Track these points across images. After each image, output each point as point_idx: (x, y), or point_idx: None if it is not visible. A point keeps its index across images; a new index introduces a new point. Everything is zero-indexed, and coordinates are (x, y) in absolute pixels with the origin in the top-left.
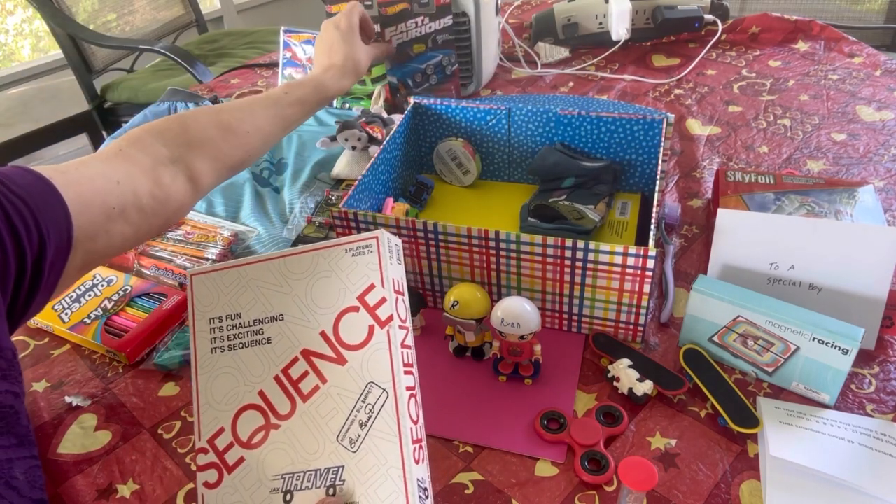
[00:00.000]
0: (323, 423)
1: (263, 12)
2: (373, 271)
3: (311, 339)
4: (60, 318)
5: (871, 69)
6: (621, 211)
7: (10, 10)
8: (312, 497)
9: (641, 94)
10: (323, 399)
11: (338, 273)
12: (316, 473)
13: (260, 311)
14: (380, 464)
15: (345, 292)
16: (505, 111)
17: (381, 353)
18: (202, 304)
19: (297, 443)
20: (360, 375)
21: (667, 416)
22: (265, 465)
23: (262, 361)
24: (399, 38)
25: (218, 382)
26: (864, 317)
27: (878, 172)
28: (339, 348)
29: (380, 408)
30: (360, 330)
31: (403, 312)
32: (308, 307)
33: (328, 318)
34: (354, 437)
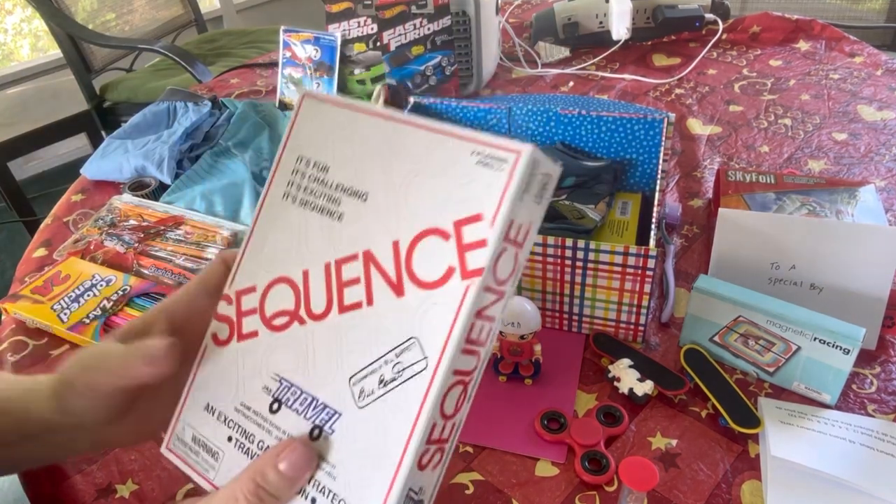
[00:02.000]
0: (345, 352)
1: (263, 12)
2: (490, 197)
3: (381, 244)
4: (59, 318)
5: (872, 69)
6: (622, 210)
7: (8, 9)
8: (295, 423)
9: (642, 93)
10: (359, 323)
11: (449, 176)
12: (312, 401)
13: (349, 176)
14: (377, 444)
15: (444, 207)
16: (505, 111)
17: (445, 311)
18: (300, 135)
19: (313, 354)
20: (409, 322)
21: (667, 416)
22: (272, 356)
23: (324, 237)
24: (398, 41)
25: (273, 236)
26: (865, 317)
27: (880, 172)
28: (404, 274)
29: (411, 375)
30: (438, 265)
31: (507, 271)
32: (397, 202)
33: (410, 229)
34: (368, 390)
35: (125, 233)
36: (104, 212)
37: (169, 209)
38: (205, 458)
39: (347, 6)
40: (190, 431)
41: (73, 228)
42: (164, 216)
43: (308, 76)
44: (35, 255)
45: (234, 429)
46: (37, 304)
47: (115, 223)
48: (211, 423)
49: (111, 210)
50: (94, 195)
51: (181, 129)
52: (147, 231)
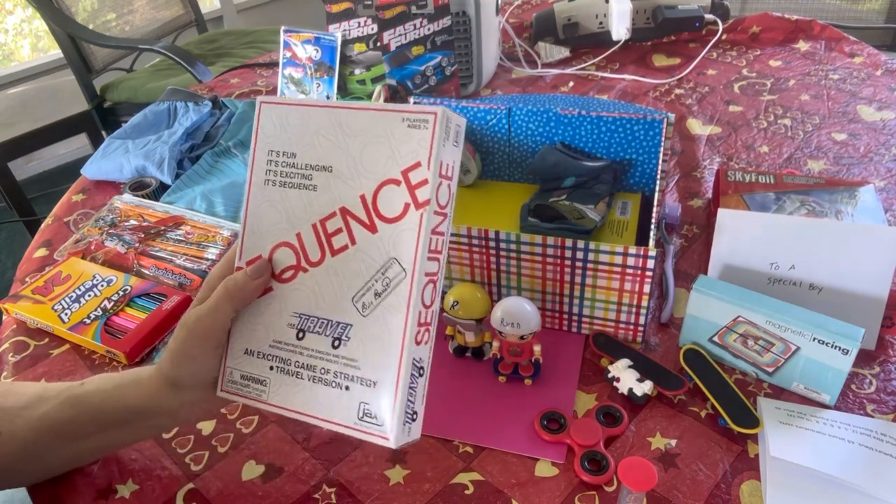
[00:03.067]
0: (344, 281)
1: (263, 12)
2: (423, 149)
3: (352, 199)
4: (60, 318)
5: (872, 69)
6: (622, 211)
7: (9, 9)
8: (320, 342)
9: (642, 93)
10: (349, 259)
11: (390, 140)
12: (328, 323)
13: (313, 156)
14: (383, 333)
15: (392, 162)
16: (505, 111)
17: (409, 234)
18: (266, 134)
19: (319, 290)
20: (386, 249)
21: (667, 416)
22: (289, 301)
23: (305, 206)
24: (398, 41)
25: (264, 212)
26: (864, 317)
27: (879, 172)
28: (374, 216)
29: (395, 284)
30: (397, 204)
31: (445, 198)
32: (356, 167)
33: (371, 184)
34: (367, 303)
35: (126, 233)
36: (105, 212)
37: (169, 209)
38: (255, 387)
39: (348, 6)
40: (238, 373)
41: (74, 228)
42: (164, 216)
43: (308, 76)
44: (36, 255)
45: (273, 360)
46: (37, 305)
47: (115, 223)
48: (254, 361)
49: (112, 210)
50: (95, 195)
51: (181, 130)
52: (147, 231)
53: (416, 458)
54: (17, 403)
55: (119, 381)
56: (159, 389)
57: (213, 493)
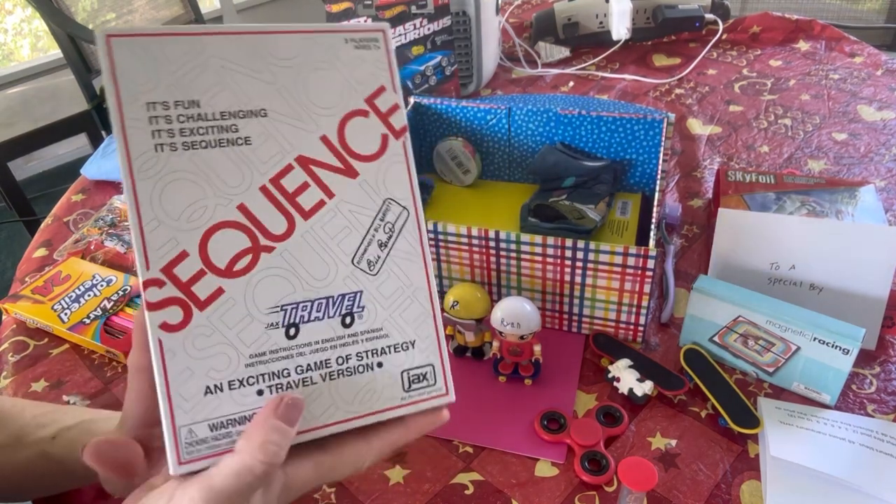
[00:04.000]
0: (334, 245)
1: (263, 12)
2: (382, 71)
3: (310, 145)
4: (60, 318)
5: (872, 69)
6: (622, 211)
7: (9, 9)
8: (324, 329)
9: (642, 93)
10: (331, 217)
11: (338, 67)
12: (328, 301)
13: (230, 101)
14: (404, 286)
15: (350, 92)
16: (505, 111)
17: (399, 167)
18: (131, 82)
19: (301, 268)
20: (376, 190)
21: (667, 416)
22: (256, 296)
23: (240, 167)
24: (398, 41)
25: (172, 192)
26: (864, 317)
27: (879, 172)
28: (348, 158)
29: (401, 226)
30: (373, 138)
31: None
32: (301, 104)
33: (331, 121)
34: (373, 259)
35: (125, 233)
36: (104, 212)
37: None
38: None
39: (347, 6)
40: (202, 426)
41: (74, 228)
42: None
43: None
44: (35, 255)
45: (260, 380)
46: (37, 305)
47: (115, 223)
48: (224, 399)
49: (111, 210)
50: (95, 195)
51: None
52: None
53: (416, 458)
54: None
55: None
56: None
57: None
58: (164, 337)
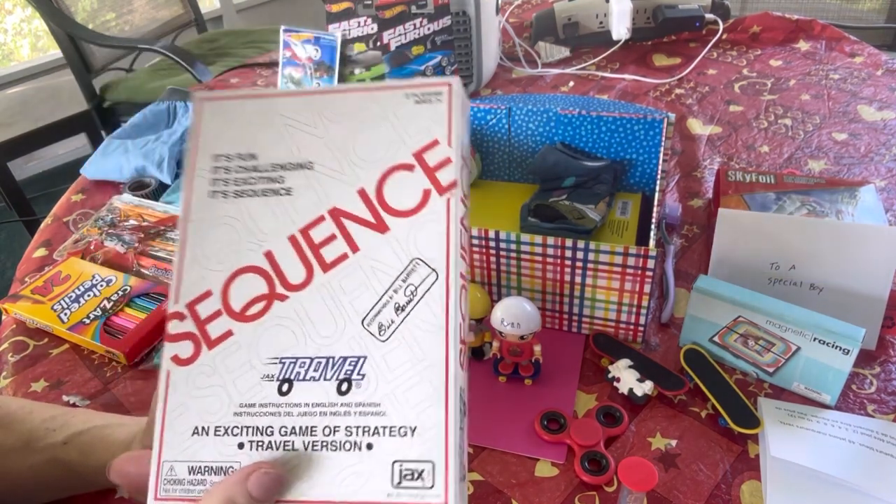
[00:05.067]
0: (346, 301)
1: (263, 12)
2: (439, 125)
3: (346, 197)
4: (59, 318)
5: (873, 69)
6: (622, 211)
7: (9, 9)
8: (317, 391)
9: (642, 93)
10: (351, 271)
11: (393, 121)
12: (328, 362)
13: (283, 154)
14: (416, 360)
15: (399, 145)
16: (505, 111)
17: (436, 226)
18: (209, 137)
19: (309, 321)
20: (405, 248)
21: (667, 416)
22: (260, 344)
23: (277, 215)
24: (398, 41)
25: (213, 234)
26: (865, 317)
27: (880, 172)
28: (381, 212)
29: (425, 291)
30: (413, 193)
31: (467, 186)
32: (347, 157)
33: (372, 174)
34: (386, 323)
35: (125, 233)
36: (104, 212)
37: (169, 209)
38: (215, 481)
39: (348, 6)
40: (183, 466)
41: (74, 228)
42: (164, 216)
43: (308, 76)
44: (35, 255)
45: (243, 433)
46: (37, 305)
47: (115, 223)
48: (208, 444)
49: (111, 210)
50: (94, 195)
51: (181, 129)
52: (147, 231)
53: None
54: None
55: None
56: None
57: None
58: (173, 369)
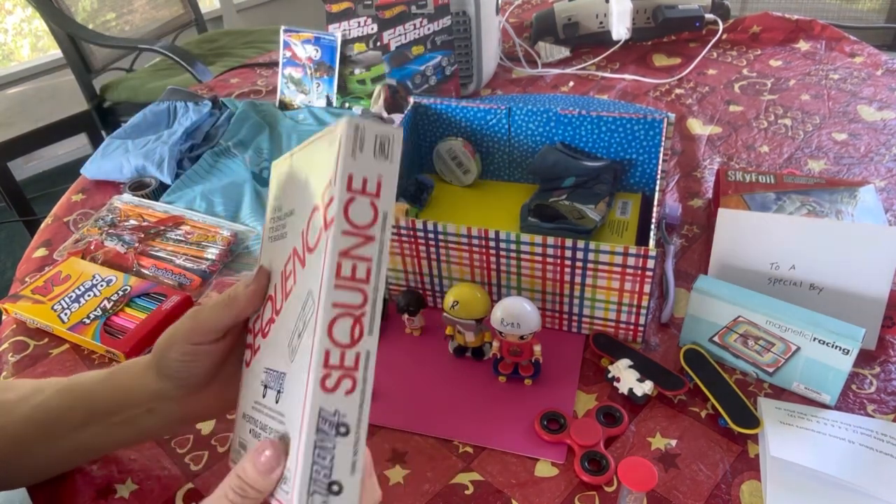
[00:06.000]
0: (286, 326)
1: (263, 12)
2: (330, 165)
3: (297, 237)
4: (60, 318)
5: (873, 69)
6: (622, 211)
7: (9, 9)
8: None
9: (642, 93)
10: (292, 300)
11: (322, 166)
12: (276, 375)
13: (288, 203)
14: (300, 380)
15: (319, 187)
16: (505, 111)
17: (318, 258)
18: (273, 191)
19: (276, 339)
20: (306, 282)
21: (667, 416)
22: (263, 356)
23: (280, 255)
24: (398, 41)
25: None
26: (864, 317)
27: (879, 172)
28: (304, 249)
29: (308, 320)
30: (316, 230)
31: (367, 217)
32: (304, 202)
33: (305, 216)
34: (294, 347)
35: (125, 233)
36: (104, 212)
37: (169, 209)
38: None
39: (348, 6)
40: (237, 440)
41: (74, 228)
42: (164, 216)
43: (308, 76)
44: (35, 255)
45: (251, 422)
46: (37, 305)
47: (115, 223)
48: (244, 425)
49: (111, 210)
50: (95, 195)
51: (181, 129)
52: (147, 231)
53: (416, 458)
54: (13, 397)
55: (114, 368)
56: (146, 371)
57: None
58: (243, 370)
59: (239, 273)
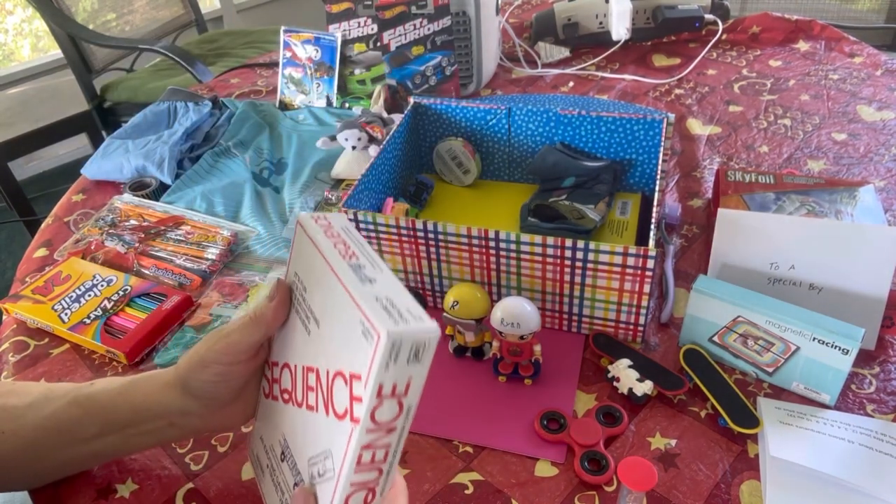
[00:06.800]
0: (307, 440)
1: (263, 12)
2: (363, 364)
3: (322, 367)
4: (60, 318)
5: (872, 69)
6: (621, 211)
7: (9, 9)
8: (289, 476)
9: (642, 93)
10: (312, 421)
11: (349, 334)
12: (295, 465)
13: (313, 302)
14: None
15: (347, 357)
16: (505, 111)
17: (342, 440)
18: (296, 253)
19: (295, 430)
20: (329, 437)
21: (667, 416)
22: (282, 420)
23: (301, 342)
24: (398, 41)
25: (286, 326)
26: (864, 317)
27: (879, 172)
28: (329, 399)
29: (327, 478)
30: (342, 403)
31: (392, 414)
32: (329, 338)
33: (331, 366)
34: (313, 475)
35: (126, 233)
36: (105, 212)
37: (169, 209)
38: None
39: (348, 6)
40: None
41: (74, 228)
42: (164, 216)
43: (308, 76)
44: (36, 255)
45: (268, 459)
46: (38, 305)
47: (115, 223)
48: (261, 449)
49: (112, 210)
50: (95, 195)
51: (182, 130)
52: (148, 231)
53: (416, 458)
54: (21, 402)
55: (130, 380)
56: (170, 388)
57: (212, 493)
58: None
59: (239, 273)
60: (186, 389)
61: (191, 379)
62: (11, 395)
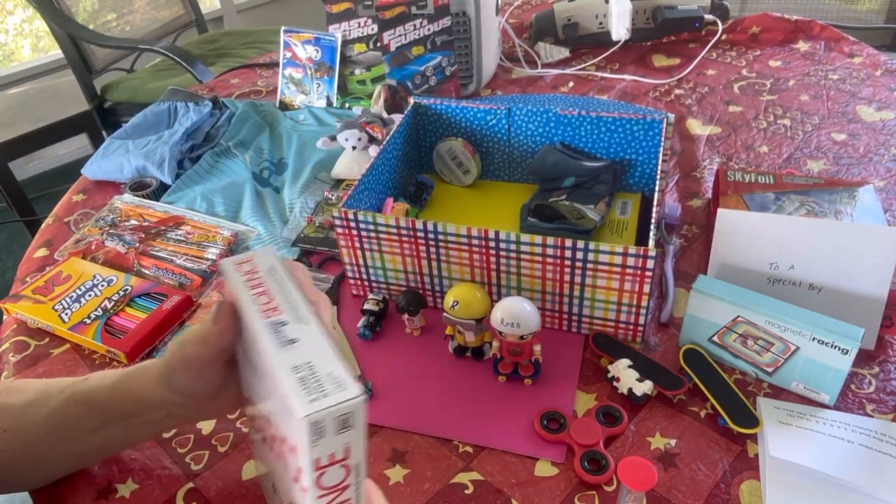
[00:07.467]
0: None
1: (263, 12)
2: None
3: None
4: (61, 318)
5: (872, 69)
6: (621, 211)
7: (10, 9)
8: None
9: (641, 93)
10: (281, 472)
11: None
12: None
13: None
14: None
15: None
16: (505, 111)
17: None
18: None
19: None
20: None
21: (667, 416)
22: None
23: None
24: (398, 41)
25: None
26: (863, 317)
27: (879, 172)
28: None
29: None
30: (293, 465)
31: (337, 479)
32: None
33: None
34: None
35: (126, 233)
36: (105, 212)
37: (169, 209)
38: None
39: (348, 7)
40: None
41: (74, 228)
42: (164, 216)
43: (308, 76)
44: (36, 255)
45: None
46: (38, 305)
47: (115, 223)
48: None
49: (112, 210)
50: (95, 195)
51: (182, 130)
52: (148, 231)
53: (416, 457)
54: (20, 401)
55: (123, 374)
56: (155, 382)
57: (212, 493)
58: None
59: None
60: (169, 385)
61: (170, 377)
62: (10, 392)
